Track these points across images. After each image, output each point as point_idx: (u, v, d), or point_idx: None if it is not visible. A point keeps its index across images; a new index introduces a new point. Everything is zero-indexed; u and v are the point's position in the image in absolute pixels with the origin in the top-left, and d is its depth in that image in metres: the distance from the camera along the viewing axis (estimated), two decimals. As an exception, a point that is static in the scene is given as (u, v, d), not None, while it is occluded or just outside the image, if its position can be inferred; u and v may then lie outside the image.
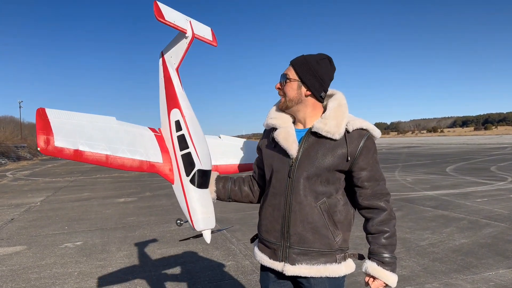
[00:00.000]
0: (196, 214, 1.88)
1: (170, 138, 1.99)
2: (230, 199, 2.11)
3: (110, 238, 6.54)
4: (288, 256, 1.81)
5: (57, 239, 6.60)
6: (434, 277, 4.22)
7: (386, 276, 1.75)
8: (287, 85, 1.84)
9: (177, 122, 1.97)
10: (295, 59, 1.86)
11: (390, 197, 1.84)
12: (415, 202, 8.44)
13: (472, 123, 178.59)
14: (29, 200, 11.60)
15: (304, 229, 1.78)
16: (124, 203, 10.29)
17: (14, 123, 63.81)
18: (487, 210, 7.33)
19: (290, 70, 1.85)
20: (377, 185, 1.80)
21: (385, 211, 1.79)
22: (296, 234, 1.78)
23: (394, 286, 1.77)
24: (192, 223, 1.89)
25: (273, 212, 1.85)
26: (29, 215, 9.09)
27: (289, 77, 1.84)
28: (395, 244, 1.80)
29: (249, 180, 2.12)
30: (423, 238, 5.71)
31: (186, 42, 2.01)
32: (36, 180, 18.78)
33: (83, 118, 1.79)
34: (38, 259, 5.51)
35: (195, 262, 5.05)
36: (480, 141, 42.60)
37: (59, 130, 1.63)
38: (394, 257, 1.78)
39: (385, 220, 1.78)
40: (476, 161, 18.29)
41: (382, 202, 1.79)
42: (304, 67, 1.82)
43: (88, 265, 5.13)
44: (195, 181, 1.91)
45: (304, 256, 1.79)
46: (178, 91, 2.03)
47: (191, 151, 1.92)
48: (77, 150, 1.66)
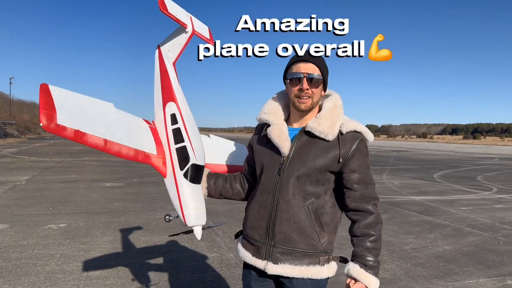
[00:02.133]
0: (188, 209, 1.85)
1: (164, 131, 1.96)
2: (221, 196, 2.09)
3: (95, 222, 6.49)
4: (272, 254, 1.79)
5: (41, 220, 6.53)
6: (415, 281, 4.27)
7: (368, 280, 1.73)
8: (315, 86, 1.78)
9: (172, 115, 1.95)
10: (315, 58, 1.79)
11: (378, 201, 1.83)
12: (401, 206, 8.51)
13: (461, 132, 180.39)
14: (14, 178, 11.46)
15: (289, 228, 1.76)
16: (111, 187, 10.22)
17: (3, 99, 62.87)
18: (471, 219, 7.42)
19: (316, 70, 1.78)
20: (366, 188, 1.79)
21: (372, 214, 1.78)
22: (281, 233, 1.77)
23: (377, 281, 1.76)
24: (183, 218, 1.85)
25: (259, 209, 1.84)
26: (14, 193, 8.99)
27: (317, 77, 1.78)
28: (379, 248, 1.79)
29: (240, 177, 2.10)
30: (407, 242, 5.77)
31: (186, 37, 2.03)
32: (22, 158, 18.57)
33: (83, 100, 1.76)
34: (20, 238, 5.45)
35: (179, 252, 5.03)
36: (468, 150, 43.08)
37: (61, 108, 1.60)
38: (378, 262, 1.77)
39: (371, 224, 1.77)
40: (463, 169, 18.50)
41: (370, 206, 1.78)
42: (325, 66, 1.81)
43: (71, 248, 5.09)
44: (189, 175, 1.88)
45: (287, 256, 1.78)
46: (174, 84, 2.01)
47: (187, 145, 1.90)
48: (78, 131, 1.62)
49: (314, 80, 1.76)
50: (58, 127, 1.56)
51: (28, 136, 49.07)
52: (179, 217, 1.89)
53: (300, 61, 1.79)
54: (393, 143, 67.36)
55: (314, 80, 1.76)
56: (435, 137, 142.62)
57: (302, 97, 1.77)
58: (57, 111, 1.58)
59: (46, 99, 1.57)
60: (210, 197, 2.09)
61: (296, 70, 1.78)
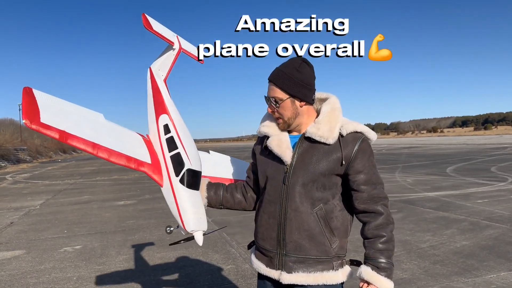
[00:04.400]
0: (186, 214, 1.85)
1: (158, 142, 2.00)
2: (222, 206, 2.07)
3: (110, 241, 6.51)
4: (285, 264, 1.78)
5: (56, 243, 6.57)
6: (435, 280, 4.20)
7: (380, 282, 1.70)
8: (280, 107, 1.78)
9: (165, 125, 2.00)
10: (274, 76, 1.79)
11: (388, 201, 1.80)
12: (416, 204, 8.41)
13: (472, 123, 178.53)
14: (29, 203, 11.56)
15: (300, 236, 1.75)
16: (124, 206, 10.27)
17: (14, 126, 63.77)
18: (488, 212, 7.30)
19: (275, 91, 1.77)
20: (374, 188, 1.76)
21: (382, 215, 1.75)
22: (292, 242, 1.76)
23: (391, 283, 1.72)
24: (182, 224, 1.84)
25: (268, 220, 1.83)
26: (29, 218, 9.06)
27: (279, 98, 1.77)
28: (392, 249, 1.76)
29: (241, 186, 2.08)
30: (424, 240, 5.69)
31: (174, 54, 2.15)
32: (35, 183, 18.75)
33: (70, 106, 1.80)
34: (37, 263, 5.48)
35: (194, 266, 5.02)
36: (480, 141, 42.60)
37: (45, 110, 1.63)
38: (391, 263, 1.74)
39: (382, 225, 1.75)
40: (477, 161, 18.28)
41: (379, 206, 1.76)
42: (288, 81, 1.76)
43: (87, 269, 5.10)
44: (185, 180, 1.89)
45: (300, 264, 1.76)
46: (166, 98, 2.08)
47: (180, 151, 1.92)
48: (64, 131, 1.65)
49: (274, 101, 1.78)
50: (41, 125, 1.58)
51: (40, 160, 49.62)
52: (179, 225, 1.88)
53: (268, 81, 1.81)
54: (403, 140, 66.89)
55: (274, 101, 1.78)
56: (446, 130, 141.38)
57: (275, 117, 1.83)
58: (41, 111, 1.61)
59: (28, 100, 1.61)
60: (211, 207, 2.08)
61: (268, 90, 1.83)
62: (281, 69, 1.80)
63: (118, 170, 23.87)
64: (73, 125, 1.69)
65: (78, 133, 1.68)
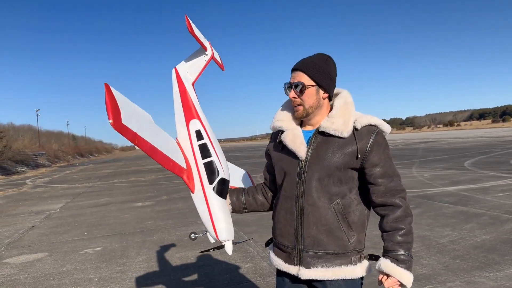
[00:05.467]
0: (220, 223, 1.85)
1: (189, 148, 1.98)
2: (246, 210, 2.09)
3: (129, 242, 6.60)
4: (303, 259, 1.79)
5: (77, 245, 6.69)
6: (455, 275, 4.15)
7: (400, 274, 1.69)
8: (305, 93, 1.79)
9: (197, 131, 1.98)
10: (303, 64, 1.80)
11: (405, 193, 1.79)
12: (434, 199, 8.31)
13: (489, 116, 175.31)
14: (49, 207, 11.79)
15: (318, 231, 1.76)
16: (142, 207, 10.38)
17: (32, 131, 65.01)
18: (508, 205, 7.18)
19: (302, 77, 1.79)
20: (391, 181, 1.76)
21: (400, 207, 1.74)
22: (310, 237, 1.77)
23: (409, 285, 1.72)
24: (215, 233, 1.85)
25: (286, 216, 1.84)
26: (49, 222, 9.24)
27: (305, 84, 1.78)
28: (411, 242, 1.75)
29: (261, 187, 2.10)
30: (443, 235, 5.62)
31: (205, 60, 2.09)
32: (55, 187, 19.09)
33: (134, 105, 1.76)
34: (59, 265, 5.59)
35: (213, 265, 5.06)
36: (499, 134, 41.81)
37: (124, 108, 1.62)
38: (410, 255, 1.73)
39: (400, 217, 1.74)
40: (495, 154, 17.95)
41: (397, 199, 1.75)
42: (316, 70, 1.79)
43: (108, 270, 5.19)
44: (218, 189, 1.89)
45: (319, 259, 1.77)
46: (195, 103, 2.04)
47: (214, 159, 1.92)
48: (136, 134, 1.64)
49: (298, 87, 1.78)
50: (122, 127, 1.56)
51: (58, 164, 50.46)
52: (208, 233, 1.88)
53: (292, 70, 1.83)
54: (419, 135, 66.06)
55: (299, 88, 1.78)
56: (462, 124, 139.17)
57: (294, 106, 1.83)
58: (121, 110, 1.58)
59: (111, 98, 1.54)
60: (235, 212, 2.10)
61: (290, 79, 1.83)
62: (308, 59, 1.82)
63: (135, 172, 24.14)
64: (140, 127, 1.69)
65: (144, 136, 1.69)
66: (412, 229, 1.76)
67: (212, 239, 1.90)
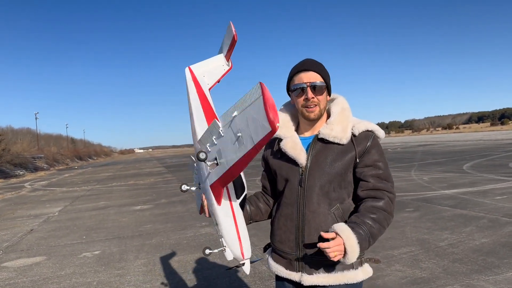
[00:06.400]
0: (245, 241, 1.76)
1: None
2: (251, 221, 2.03)
3: (128, 246, 6.59)
4: (305, 266, 1.79)
5: (76, 249, 6.67)
6: (454, 278, 4.15)
7: (348, 237, 1.60)
8: (324, 94, 1.80)
9: None
10: (314, 65, 1.80)
11: (394, 197, 1.77)
12: (433, 202, 8.31)
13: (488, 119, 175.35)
14: (48, 210, 11.77)
15: (320, 238, 1.74)
16: (140, 210, 10.37)
17: (31, 135, 64.96)
18: (507, 208, 7.18)
19: (317, 77, 1.78)
20: (381, 182, 1.75)
21: (383, 200, 1.72)
22: (312, 244, 1.76)
23: (350, 260, 1.62)
24: (241, 251, 1.75)
25: (286, 222, 1.83)
26: (48, 225, 9.22)
27: (321, 85, 1.78)
28: (376, 233, 1.68)
29: (261, 195, 2.08)
30: (442, 238, 5.62)
31: (224, 69, 1.96)
32: (53, 190, 19.05)
33: None
34: (58, 269, 5.58)
35: (211, 268, 5.05)
36: (497, 137, 41.87)
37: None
38: (368, 238, 1.66)
39: (380, 208, 1.71)
40: (494, 157, 17.97)
41: (384, 196, 1.73)
42: (325, 71, 1.82)
43: (107, 274, 5.17)
44: (241, 205, 1.81)
45: (320, 265, 1.77)
46: (215, 111, 1.89)
47: (242, 173, 1.82)
48: None
49: (317, 87, 1.77)
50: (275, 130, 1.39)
51: (57, 167, 50.40)
52: (227, 249, 1.77)
53: (301, 71, 1.80)
54: (418, 138, 66.14)
55: (317, 88, 1.77)
56: (461, 127, 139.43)
57: (309, 106, 1.78)
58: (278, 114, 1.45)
59: (270, 98, 1.34)
60: None
61: (299, 81, 1.79)
62: (313, 60, 1.82)
63: (134, 176, 24.12)
64: None
65: None
66: (385, 226, 1.71)
67: (230, 257, 1.78)
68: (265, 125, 1.31)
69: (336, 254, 1.58)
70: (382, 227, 1.70)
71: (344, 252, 1.60)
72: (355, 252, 1.60)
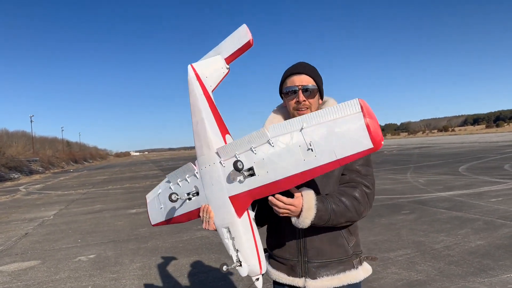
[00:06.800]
0: (262, 254, 1.68)
1: None
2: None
3: (123, 250, 6.55)
4: (308, 271, 1.78)
5: (71, 253, 6.63)
6: (450, 281, 4.15)
7: (308, 200, 1.56)
8: (316, 96, 1.80)
9: None
10: (306, 68, 1.80)
11: (371, 192, 1.73)
12: (429, 204, 8.33)
13: (483, 121, 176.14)
14: (42, 214, 11.70)
15: (321, 242, 1.76)
16: (136, 214, 10.32)
17: (26, 138, 64.62)
18: (502, 210, 7.21)
19: (309, 80, 1.79)
20: (359, 176, 1.72)
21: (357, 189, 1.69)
22: (313, 248, 1.76)
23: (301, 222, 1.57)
24: (259, 265, 1.66)
25: (285, 228, 1.79)
26: (43, 229, 9.17)
27: (313, 88, 1.79)
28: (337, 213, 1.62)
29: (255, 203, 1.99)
30: (438, 240, 5.63)
31: (224, 72, 1.88)
32: (48, 193, 18.95)
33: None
34: (52, 273, 5.54)
35: (207, 272, 5.03)
36: (493, 139, 42.08)
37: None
38: (330, 212, 1.60)
39: (351, 193, 1.67)
40: (489, 159, 18.05)
41: (358, 188, 1.70)
42: (317, 74, 1.82)
43: (102, 278, 5.14)
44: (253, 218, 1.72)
45: (323, 268, 1.76)
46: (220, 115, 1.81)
47: None
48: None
49: (309, 90, 1.77)
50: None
51: (52, 171, 50.17)
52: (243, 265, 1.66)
53: (293, 74, 1.80)
54: (414, 140, 66.34)
55: (309, 91, 1.77)
56: (457, 129, 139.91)
57: (300, 109, 1.77)
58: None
59: (374, 115, 1.34)
60: None
61: (291, 84, 1.80)
62: (306, 64, 1.83)
63: (130, 179, 24.04)
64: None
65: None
66: (350, 210, 1.65)
67: (244, 272, 1.67)
68: (363, 142, 1.30)
69: (285, 211, 1.56)
70: (347, 209, 1.64)
71: (300, 212, 1.56)
72: (310, 212, 1.56)
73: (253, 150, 1.52)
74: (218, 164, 1.66)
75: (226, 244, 1.71)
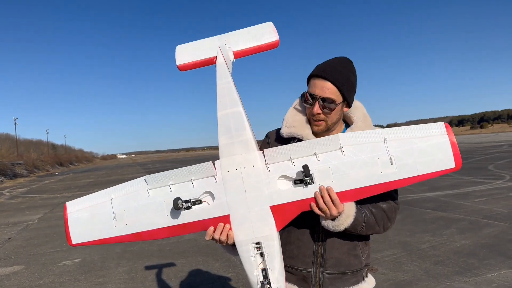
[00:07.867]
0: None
1: None
2: None
3: (109, 253, 6.47)
4: (323, 282, 1.65)
5: (55, 257, 6.52)
6: (436, 280, 4.19)
7: (350, 206, 1.47)
8: (335, 110, 1.60)
9: None
10: (333, 74, 1.58)
11: (398, 208, 1.69)
12: (414, 205, 8.41)
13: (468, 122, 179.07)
14: (27, 218, 11.50)
15: (341, 251, 1.65)
16: (123, 217, 10.21)
17: (10, 140, 63.56)
18: (486, 210, 7.31)
19: (332, 91, 1.57)
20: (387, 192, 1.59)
21: (387, 203, 1.62)
22: (333, 258, 1.65)
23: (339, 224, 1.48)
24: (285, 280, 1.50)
25: (301, 237, 1.67)
26: (27, 233, 9.01)
27: (334, 100, 1.58)
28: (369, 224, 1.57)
29: None
30: (424, 241, 5.68)
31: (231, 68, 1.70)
32: (33, 197, 18.65)
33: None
34: (36, 278, 5.44)
35: (195, 275, 4.99)
36: (477, 140, 42.75)
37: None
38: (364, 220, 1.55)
39: (381, 207, 1.60)
40: (474, 160, 18.32)
41: (389, 202, 1.64)
42: (346, 82, 1.60)
43: (87, 282, 5.07)
44: None
45: (338, 280, 1.66)
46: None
47: None
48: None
49: (328, 104, 1.57)
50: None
51: (37, 174, 49.42)
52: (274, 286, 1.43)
53: (318, 77, 1.59)
54: (400, 142, 67.00)
55: (328, 105, 1.57)
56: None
57: (315, 119, 1.63)
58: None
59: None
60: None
61: (312, 88, 1.61)
62: (336, 67, 1.60)
63: (116, 182, 23.73)
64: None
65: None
66: (379, 224, 1.61)
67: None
68: (446, 161, 1.41)
69: (325, 207, 1.42)
70: (376, 223, 1.60)
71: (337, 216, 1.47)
72: (348, 220, 1.48)
73: (317, 156, 1.40)
74: (259, 167, 1.45)
75: (250, 262, 1.44)
